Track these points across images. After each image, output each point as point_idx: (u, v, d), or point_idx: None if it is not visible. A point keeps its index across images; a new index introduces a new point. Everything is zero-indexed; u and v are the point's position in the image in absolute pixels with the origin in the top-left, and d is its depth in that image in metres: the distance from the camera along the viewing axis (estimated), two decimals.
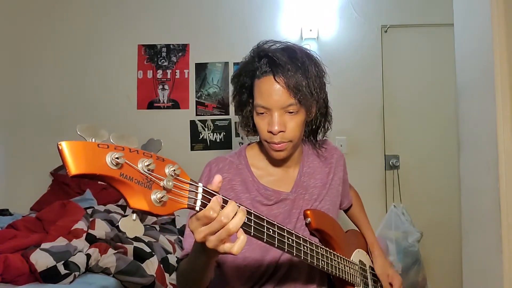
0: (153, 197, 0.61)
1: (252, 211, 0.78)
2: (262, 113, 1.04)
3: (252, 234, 0.77)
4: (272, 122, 1.02)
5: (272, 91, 1.00)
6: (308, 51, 1.09)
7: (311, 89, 1.02)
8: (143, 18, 2.99)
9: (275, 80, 1.00)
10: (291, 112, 1.02)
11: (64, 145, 0.53)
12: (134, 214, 0.62)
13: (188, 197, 0.67)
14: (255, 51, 1.08)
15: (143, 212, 0.61)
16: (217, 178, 0.74)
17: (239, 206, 0.74)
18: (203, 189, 0.70)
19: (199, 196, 0.69)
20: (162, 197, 0.61)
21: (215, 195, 0.71)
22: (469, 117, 1.46)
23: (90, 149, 0.55)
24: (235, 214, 0.72)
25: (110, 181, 0.58)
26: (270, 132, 1.03)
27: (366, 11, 2.93)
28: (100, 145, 0.56)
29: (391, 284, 1.29)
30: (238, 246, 0.72)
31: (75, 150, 0.53)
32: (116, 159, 0.56)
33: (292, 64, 1.00)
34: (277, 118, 1.01)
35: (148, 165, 0.60)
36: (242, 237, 0.73)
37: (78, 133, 0.57)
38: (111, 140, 0.59)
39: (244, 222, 0.74)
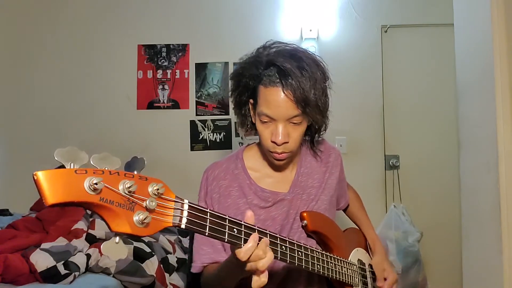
0: (135, 218, 0.60)
1: (242, 222, 0.78)
2: (266, 122, 1.03)
3: (242, 245, 0.77)
4: (277, 133, 1.01)
5: (279, 102, 0.99)
6: (315, 57, 1.07)
7: (318, 101, 1.00)
8: (143, 18, 2.99)
9: (284, 92, 0.98)
10: (295, 123, 1.02)
11: (40, 175, 0.51)
12: (117, 237, 0.60)
13: (173, 215, 0.66)
14: (262, 56, 1.05)
15: (126, 235, 0.60)
16: (249, 213, 0.81)
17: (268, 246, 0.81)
18: (189, 205, 0.69)
19: (185, 214, 0.68)
20: (144, 219, 0.60)
21: (206, 211, 0.72)
22: (469, 117, 1.46)
23: (67, 176, 0.53)
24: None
25: (89, 206, 0.56)
26: (274, 142, 1.02)
27: (366, 11, 2.92)
28: (78, 171, 0.55)
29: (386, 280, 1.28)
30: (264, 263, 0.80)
31: (51, 179, 0.52)
32: (95, 185, 0.54)
33: (302, 76, 0.98)
34: (281, 129, 1.01)
35: (129, 187, 0.59)
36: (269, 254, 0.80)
37: (56, 158, 0.55)
38: (92, 163, 0.58)
39: (234, 235, 0.75)
